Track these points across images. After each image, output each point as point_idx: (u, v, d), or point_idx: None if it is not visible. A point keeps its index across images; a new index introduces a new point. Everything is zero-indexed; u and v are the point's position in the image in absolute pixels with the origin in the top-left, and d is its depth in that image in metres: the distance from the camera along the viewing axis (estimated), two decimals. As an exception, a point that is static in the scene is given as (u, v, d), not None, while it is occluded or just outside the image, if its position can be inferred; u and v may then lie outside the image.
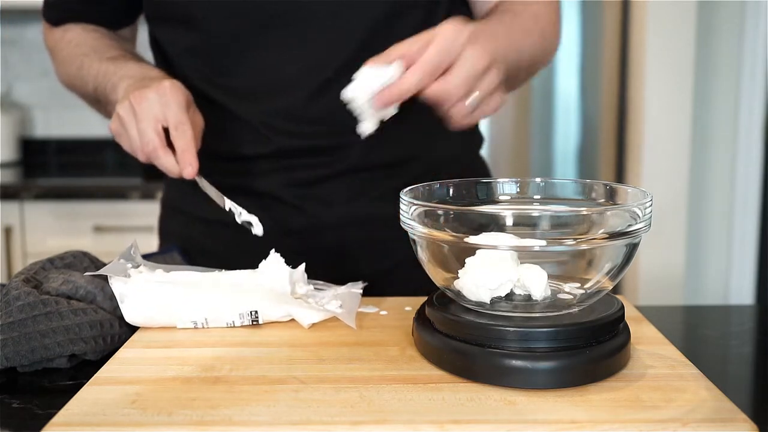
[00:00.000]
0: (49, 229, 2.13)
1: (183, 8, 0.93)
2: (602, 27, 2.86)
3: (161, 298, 0.72)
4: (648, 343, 0.68)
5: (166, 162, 0.82)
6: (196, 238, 1.02)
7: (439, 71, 0.72)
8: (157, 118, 0.81)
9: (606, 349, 0.60)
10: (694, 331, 0.84)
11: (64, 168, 2.56)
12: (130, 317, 0.72)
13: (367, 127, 0.76)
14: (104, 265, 0.83)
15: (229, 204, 0.82)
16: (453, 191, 0.73)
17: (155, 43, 1.01)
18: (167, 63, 1.00)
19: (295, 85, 0.93)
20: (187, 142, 0.81)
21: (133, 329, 0.73)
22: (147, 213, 2.13)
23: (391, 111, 0.74)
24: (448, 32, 0.73)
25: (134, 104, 0.82)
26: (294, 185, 0.96)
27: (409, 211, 0.64)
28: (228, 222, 0.99)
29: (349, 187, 0.95)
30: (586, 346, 0.60)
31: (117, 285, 0.72)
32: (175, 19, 0.95)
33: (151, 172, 2.45)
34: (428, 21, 0.95)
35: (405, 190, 0.68)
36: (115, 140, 0.86)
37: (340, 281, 0.83)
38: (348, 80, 0.92)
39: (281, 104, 0.94)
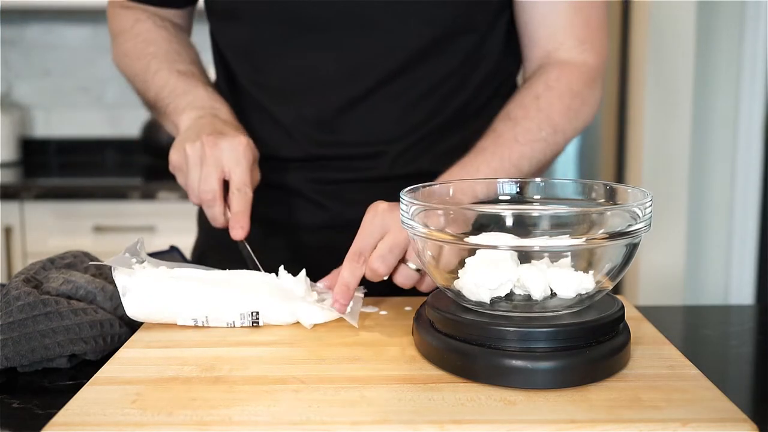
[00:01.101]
0: (49, 229, 2.13)
1: (228, 3, 0.94)
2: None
3: (163, 294, 0.71)
4: (648, 343, 0.68)
5: (218, 212, 0.83)
6: (221, 231, 1.02)
7: (363, 257, 0.75)
8: (223, 169, 0.82)
9: (606, 349, 0.60)
10: (694, 331, 0.84)
11: (64, 168, 2.56)
12: (131, 311, 0.72)
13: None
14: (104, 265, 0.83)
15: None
16: (453, 191, 0.73)
17: (212, 35, 1.02)
18: (220, 55, 1.01)
19: (332, 92, 0.93)
20: (245, 205, 0.81)
21: (134, 329, 0.73)
22: (147, 213, 2.13)
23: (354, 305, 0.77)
24: (366, 216, 0.77)
25: (206, 147, 0.82)
26: (318, 183, 0.96)
27: (409, 211, 0.64)
28: (253, 216, 1.00)
29: (373, 193, 0.95)
30: (585, 346, 0.60)
31: (120, 277, 0.72)
32: (222, 12, 0.96)
33: (151, 173, 2.46)
34: (480, 48, 0.95)
35: (405, 190, 0.68)
36: (170, 170, 0.87)
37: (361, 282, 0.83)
38: (387, 93, 0.92)
39: (315, 110, 0.94)
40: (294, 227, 0.98)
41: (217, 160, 0.82)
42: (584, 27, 0.93)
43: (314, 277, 0.81)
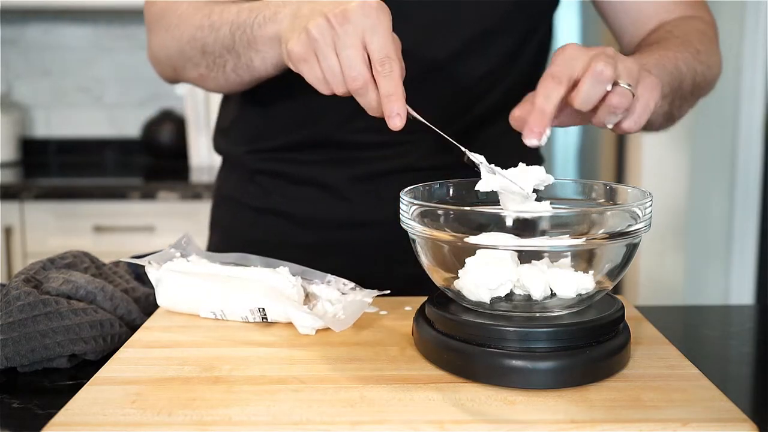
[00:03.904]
0: (49, 229, 2.13)
1: None
2: (602, 27, 2.86)
3: (186, 287, 0.75)
4: (648, 343, 0.68)
5: (372, 100, 0.70)
6: (241, 228, 1.01)
7: (562, 80, 0.65)
8: (362, 45, 0.68)
9: (606, 349, 0.60)
10: (694, 331, 0.84)
11: (64, 168, 2.56)
12: (161, 301, 0.77)
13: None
14: (104, 265, 0.83)
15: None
16: (453, 191, 0.73)
17: None
18: None
19: None
20: (394, 84, 0.67)
21: (134, 329, 0.74)
22: (147, 213, 2.13)
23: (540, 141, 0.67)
24: (556, 52, 0.68)
25: (335, 25, 0.68)
26: (349, 179, 0.95)
27: (409, 211, 0.64)
28: (277, 211, 0.97)
29: (402, 185, 0.94)
30: (586, 346, 0.60)
31: (152, 272, 0.77)
32: None
33: (151, 173, 2.46)
34: (517, 51, 0.94)
35: (405, 190, 0.68)
36: (289, 65, 0.74)
37: (382, 280, 0.83)
38: (424, 86, 0.87)
39: (351, 102, 0.92)
40: (318, 223, 0.97)
41: (354, 36, 0.67)
42: None
43: (340, 272, 0.81)
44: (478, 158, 0.69)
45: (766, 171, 2.28)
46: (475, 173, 0.70)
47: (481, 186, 0.67)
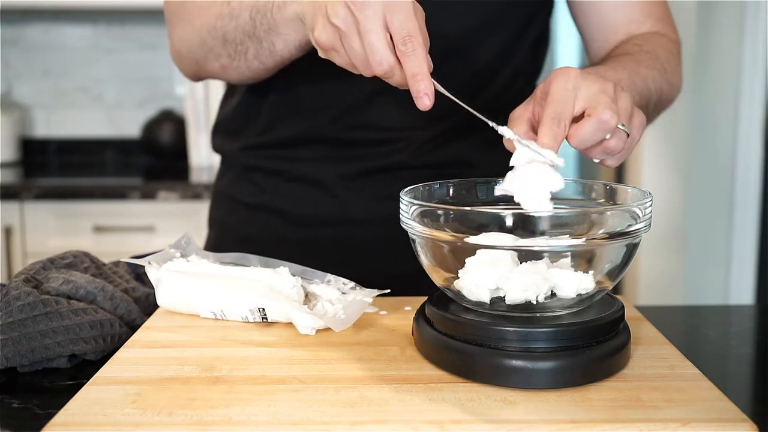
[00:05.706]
0: (49, 229, 2.13)
1: None
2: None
3: (186, 288, 0.75)
4: (648, 343, 0.68)
5: (402, 80, 0.68)
6: (237, 224, 1.02)
7: (563, 121, 0.66)
8: (384, 27, 0.66)
9: (606, 349, 0.60)
10: (694, 331, 0.84)
11: (64, 168, 2.56)
12: (161, 301, 0.77)
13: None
14: (104, 265, 0.83)
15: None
16: (453, 191, 0.73)
17: None
18: None
19: (360, 84, 0.85)
20: (418, 63, 0.66)
21: (134, 329, 0.74)
22: (147, 213, 2.13)
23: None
24: (556, 76, 0.67)
25: (354, 11, 0.66)
26: (341, 177, 0.95)
27: (409, 211, 0.64)
28: (269, 208, 0.97)
29: (392, 183, 0.93)
30: (586, 346, 0.60)
31: (152, 272, 0.77)
32: None
33: (151, 173, 2.46)
34: (511, 47, 0.94)
35: (405, 190, 0.67)
36: (321, 55, 0.72)
37: (373, 278, 0.82)
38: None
39: (347, 92, 0.91)
40: (309, 220, 0.97)
41: (374, 20, 0.66)
42: (659, 7, 0.96)
43: (331, 269, 0.81)
44: (507, 132, 0.68)
45: (766, 171, 2.28)
46: (474, 173, 0.70)
47: (515, 160, 0.67)
